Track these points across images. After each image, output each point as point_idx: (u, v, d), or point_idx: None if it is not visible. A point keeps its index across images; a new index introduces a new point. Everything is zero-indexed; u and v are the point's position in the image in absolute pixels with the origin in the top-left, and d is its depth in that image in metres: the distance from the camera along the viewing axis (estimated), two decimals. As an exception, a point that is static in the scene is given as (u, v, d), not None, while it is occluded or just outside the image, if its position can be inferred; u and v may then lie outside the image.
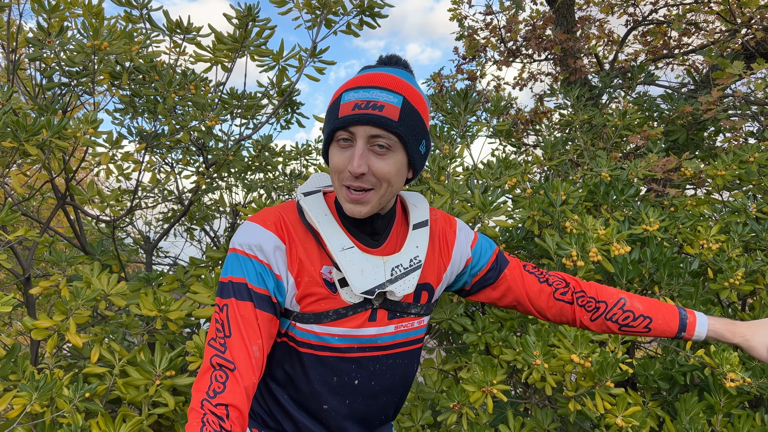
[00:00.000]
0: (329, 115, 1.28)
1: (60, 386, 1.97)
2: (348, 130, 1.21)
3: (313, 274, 1.28)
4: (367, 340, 1.33)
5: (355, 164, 1.18)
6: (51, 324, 2.06)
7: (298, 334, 1.29)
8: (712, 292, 2.71)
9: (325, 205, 1.34)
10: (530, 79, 5.27)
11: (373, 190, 1.23)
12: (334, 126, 1.23)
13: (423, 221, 1.43)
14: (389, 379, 1.38)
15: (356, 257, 1.29)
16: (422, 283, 1.39)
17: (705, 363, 2.42)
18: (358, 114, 1.20)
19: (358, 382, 1.34)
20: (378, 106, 1.20)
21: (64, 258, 2.37)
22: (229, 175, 3.01)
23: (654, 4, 5.23)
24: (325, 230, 1.29)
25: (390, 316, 1.34)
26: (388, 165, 1.22)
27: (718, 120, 3.67)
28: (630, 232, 2.58)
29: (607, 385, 2.12)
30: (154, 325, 2.29)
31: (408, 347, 1.40)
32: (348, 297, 1.29)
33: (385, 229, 1.37)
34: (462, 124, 3.21)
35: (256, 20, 2.52)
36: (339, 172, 1.23)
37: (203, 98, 2.52)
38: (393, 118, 1.20)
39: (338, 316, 1.29)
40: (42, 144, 1.95)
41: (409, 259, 1.35)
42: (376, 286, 1.27)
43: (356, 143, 1.21)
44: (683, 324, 1.46)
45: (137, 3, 2.53)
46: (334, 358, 1.31)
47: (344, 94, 1.25)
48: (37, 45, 2.16)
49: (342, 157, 1.22)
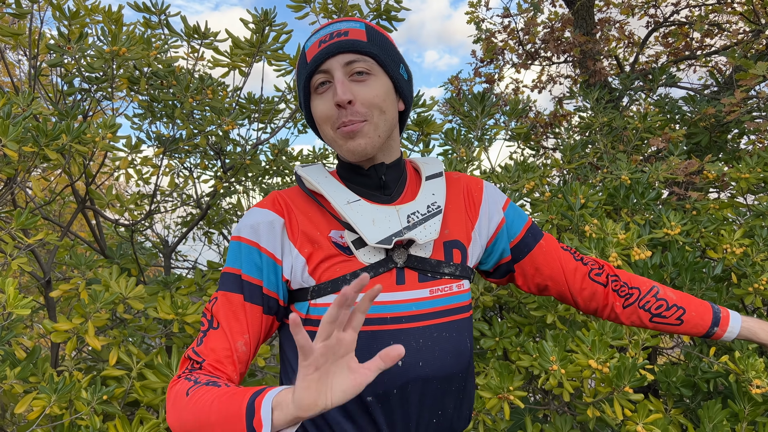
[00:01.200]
0: (299, 72, 1.22)
1: (78, 388, 1.99)
2: (321, 70, 1.15)
3: (320, 240, 1.17)
4: (400, 307, 1.15)
5: (339, 91, 1.11)
6: (70, 327, 2.08)
7: (320, 312, 1.14)
8: (736, 297, 2.65)
9: (325, 171, 1.27)
10: (549, 82, 5.23)
11: (366, 121, 1.14)
12: (307, 72, 1.16)
13: (437, 173, 1.32)
14: (440, 359, 1.16)
15: (365, 208, 1.17)
16: (451, 240, 1.24)
17: (729, 369, 2.37)
18: (325, 47, 1.14)
19: (403, 363, 1.13)
20: (342, 33, 1.15)
21: (83, 261, 2.40)
22: (246, 179, 3.03)
23: (676, 6, 5.16)
24: (327, 188, 1.19)
25: (421, 278, 1.17)
26: (373, 89, 1.14)
27: (742, 122, 3.60)
28: (651, 237, 2.54)
29: (626, 391, 2.08)
30: (171, 328, 2.30)
31: (452, 316, 1.20)
32: (365, 257, 1.15)
33: (395, 184, 1.26)
34: (479, 127, 3.19)
35: (272, 25, 2.54)
36: (328, 118, 1.16)
37: (220, 103, 2.54)
38: (361, 39, 1.15)
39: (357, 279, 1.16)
40: (62, 149, 1.97)
41: (425, 205, 1.22)
42: (393, 234, 1.14)
43: (334, 77, 1.14)
44: (716, 318, 1.35)
45: (156, 9, 2.56)
46: (366, 333, 1.12)
47: (306, 44, 1.21)
48: (57, 51, 2.20)
49: (325, 101, 1.16)
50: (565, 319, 2.56)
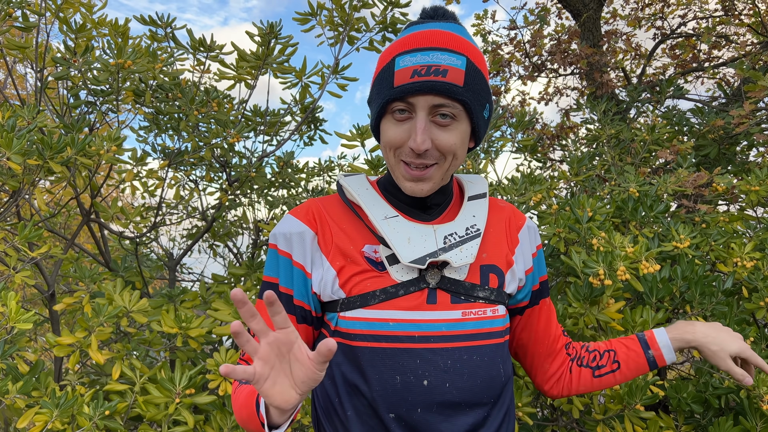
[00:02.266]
0: (380, 83, 1.10)
1: (81, 403, 1.97)
2: (406, 100, 1.06)
3: (353, 254, 1.14)
4: (429, 327, 1.10)
5: (418, 140, 1.04)
6: (73, 341, 2.07)
7: (348, 325, 1.11)
8: (747, 311, 2.61)
9: (367, 182, 1.23)
10: (556, 94, 5.22)
11: (436, 164, 1.09)
12: (389, 97, 1.06)
13: (480, 194, 1.27)
14: (468, 382, 1.11)
15: (401, 225, 1.14)
16: (488, 264, 1.19)
17: (741, 385, 2.33)
18: (418, 82, 1.03)
19: (428, 382, 1.09)
20: (441, 71, 1.04)
21: (87, 274, 2.39)
22: (251, 191, 3.02)
23: (683, 17, 5.15)
24: (366, 201, 1.16)
25: (454, 300, 1.13)
26: (452, 137, 1.07)
27: (751, 134, 3.57)
28: (660, 250, 2.50)
29: (637, 409, 2.04)
30: (175, 342, 2.28)
31: (484, 341, 1.14)
32: (398, 274, 1.12)
33: (439, 205, 1.21)
34: (486, 139, 3.18)
35: (278, 38, 2.54)
36: (395, 148, 1.10)
37: (225, 115, 2.54)
38: (458, 83, 1.05)
39: (387, 295, 1.11)
40: (66, 161, 1.97)
41: (464, 227, 1.17)
42: (427, 254, 1.10)
43: (416, 115, 1.06)
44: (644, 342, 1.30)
45: (162, 22, 2.57)
46: (393, 350, 1.09)
47: (398, 59, 1.07)
48: (63, 64, 2.20)
49: (398, 131, 1.08)
50: (573, 334, 2.53)
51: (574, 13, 4.79)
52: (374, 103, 1.13)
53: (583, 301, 2.36)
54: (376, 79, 1.14)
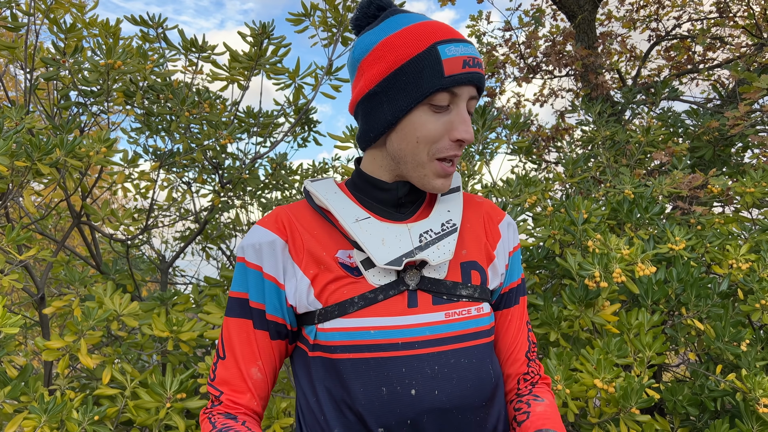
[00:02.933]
0: (418, 72, 1.03)
1: (70, 408, 1.94)
2: (452, 91, 1.04)
3: (326, 261, 1.09)
4: (412, 332, 1.05)
5: (467, 129, 1.04)
6: (63, 345, 2.04)
7: (327, 337, 1.06)
8: (743, 314, 2.60)
9: (335, 186, 1.17)
10: (551, 96, 5.21)
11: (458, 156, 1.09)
12: (440, 86, 1.02)
13: (454, 188, 1.23)
14: (458, 387, 1.06)
15: (374, 227, 1.10)
16: (469, 261, 1.15)
17: (736, 388, 2.31)
18: (469, 73, 1.03)
19: (416, 392, 1.03)
20: (478, 63, 1.05)
21: (77, 277, 2.36)
22: (244, 193, 3.00)
23: (677, 19, 5.15)
24: (335, 205, 1.11)
25: (435, 301, 1.09)
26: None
27: (746, 135, 3.57)
28: (655, 252, 2.49)
29: (633, 412, 2.03)
30: (166, 346, 2.25)
31: (471, 341, 1.10)
32: (375, 279, 1.08)
33: (412, 204, 1.18)
34: (480, 141, 3.16)
35: (270, 38, 2.51)
36: (433, 142, 1.06)
37: (217, 116, 2.51)
38: (484, 75, 1.08)
39: (366, 302, 1.06)
40: (55, 163, 1.94)
41: (440, 223, 1.13)
42: (403, 255, 1.06)
43: (456, 107, 1.05)
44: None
45: (153, 23, 2.54)
46: (376, 360, 1.03)
47: (443, 48, 1.03)
48: (53, 65, 2.17)
49: (438, 124, 1.05)
50: (568, 337, 2.51)
51: (569, 14, 4.78)
52: (407, 93, 1.05)
53: (579, 303, 2.35)
54: (405, 68, 1.05)
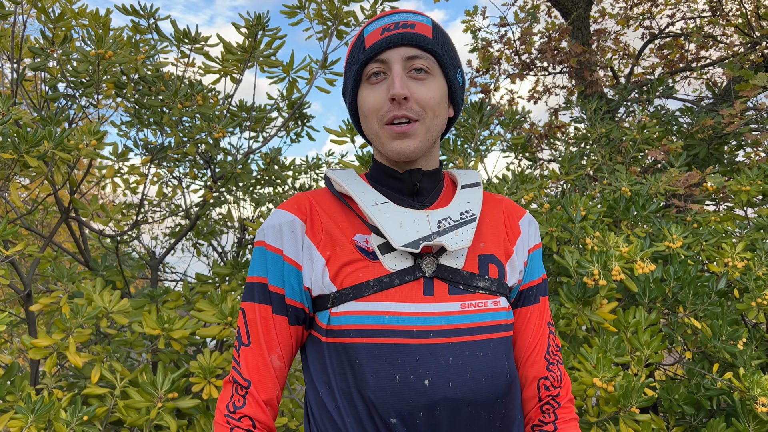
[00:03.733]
0: (353, 56, 1.14)
1: (58, 408, 1.88)
2: (379, 59, 1.08)
3: (344, 242, 1.09)
4: (427, 320, 1.03)
5: (397, 85, 1.04)
6: (50, 343, 1.98)
7: (341, 321, 1.04)
8: (738, 312, 2.59)
9: (356, 174, 1.20)
10: (544, 93, 5.20)
11: (418, 121, 1.07)
12: (363, 58, 1.09)
13: (474, 182, 1.24)
14: (472, 381, 1.03)
15: (393, 210, 1.10)
16: (487, 254, 1.14)
17: (733, 387, 2.30)
18: (389, 36, 1.07)
19: (430, 382, 1.01)
20: (409, 25, 1.08)
21: (66, 274, 2.30)
22: (237, 189, 2.94)
23: (671, 18, 5.15)
24: (356, 189, 1.13)
25: (452, 290, 1.07)
26: (430, 90, 1.08)
27: (740, 134, 3.56)
28: (654, 250, 2.47)
29: (632, 411, 2.00)
30: (157, 344, 2.20)
31: (487, 334, 1.07)
32: (391, 263, 1.07)
33: (429, 192, 1.18)
34: (476, 138, 3.13)
35: (265, 29, 2.46)
36: (377, 111, 1.08)
37: (211, 109, 2.46)
38: (427, 35, 1.09)
39: (382, 285, 1.05)
40: (43, 156, 1.88)
41: (459, 212, 1.13)
42: (421, 238, 1.06)
43: (392, 70, 1.07)
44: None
45: (144, 13, 2.48)
46: (390, 346, 1.02)
47: (366, 28, 1.13)
48: (41, 54, 2.11)
49: (377, 93, 1.08)
50: (565, 335, 2.49)
51: (564, 11, 4.76)
52: (349, 80, 1.15)
53: (576, 301, 2.32)
54: (349, 56, 1.17)
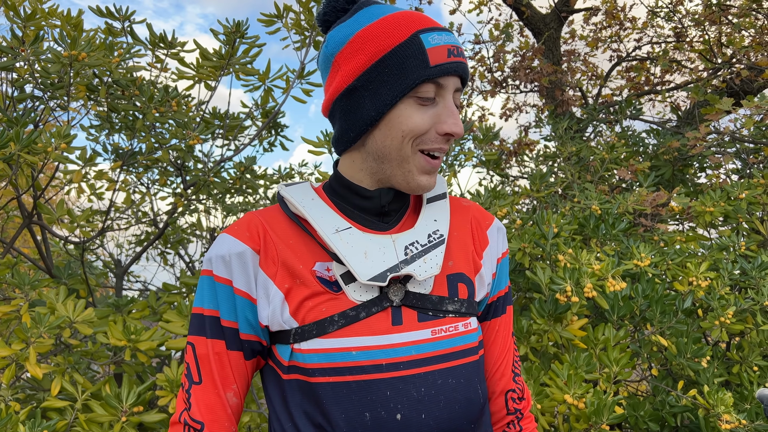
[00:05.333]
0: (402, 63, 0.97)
1: (15, 422, 1.80)
2: (438, 83, 0.98)
3: (303, 273, 1.00)
4: (397, 352, 0.98)
5: (458, 123, 0.99)
6: (9, 353, 1.90)
7: (304, 359, 0.97)
8: (701, 330, 2.65)
9: (312, 191, 1.08)
10: (515, 110, 5.27)
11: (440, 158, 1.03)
12: (426, 76, 0.96)
13: (440, 194, 1.16)
14: (446, 410, 0.99)
15: (356, 238, 1.01)
16: (456, 273, 1.07)
17: (698, 404, 2.34)
18: (455, 62, 0.98)
19: (402, 416, 0.96)
20: (461, 53, 1.01)
21: (27, 281, 2.22)
22: (208, 197, 2.89)
23: (638, 41, 5.29)
24: (313, 213, 1.02)
25: (421, 317, 1.01)
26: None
27: (705, 156, 3.67)
28: (625, 268, 2.51)
29: (603, 428, 2.02)
30: (122, 356, 2.13)
31: (458, 360, 1.03)
32: (356, 294, 0.99)
33: (397, 211, 1.10)
34: (449, 153, 3.15)
35: (244, 37, 2.43)
36: (418, 135, 0.99)
37: (185, 115, 2.41)
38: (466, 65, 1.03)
39: (347, 320, 0.97)
40: (9, 158, 1.81)
41: (426, 234, 1.06)
42: (388, 269, 0.98)
43: (443, 98, 0.99)
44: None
45: (119, 15, 2.42)
46: (359, 383, 0.96)
47: (426, 36, 0.98)
48: (9, 53, 2.04)
49: (425, 116, 0.99)
50: (536, 351, 2.50)
51: (535, 31, 4.85)
52: (389, 86, 0.98)
53: (548, 317, 2.34)
54: (386, 59, 0.99)
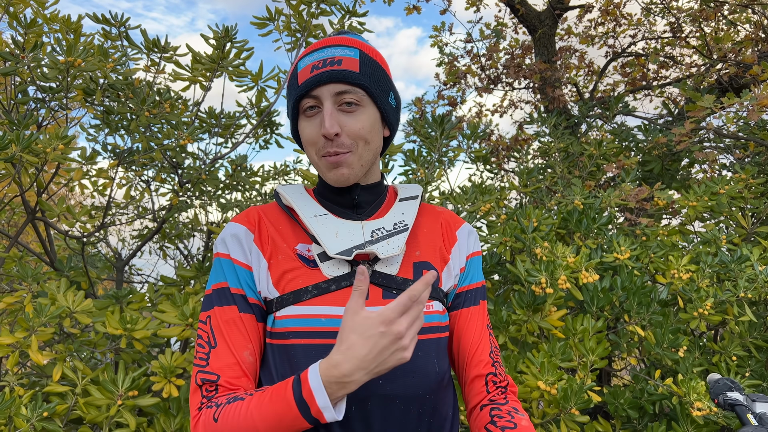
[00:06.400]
0: (289, 89, 1.22)
1: (19, 405, 1.93)
2: (311, 95, 1.15)
3: (287, 251, 1.19)
4: None
5: (327, 124, 1.12)
6: (13, 341, 2.03)
7: (282, 324, 1.13)
8: (683, 321, 2.73)
9: (303, 189, 1.30)
10: (510, 107, 5.35)
11: (350, 152, 1.16)
12: (297, 95, 1.16)
13: (411, 196, 1.33)
14: (402, 378, 1.12)
15: (330, 222, 1.20)
16: (422, 261, 1.23)
17: (673, 392, 2.43)
18: (317, 74, 1.14)
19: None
20: (336, 62, 1.15)
21: (30, 273, 2.34)
22: (203, 194, 3.01)
23: (633, 37, 5.34)
24: (299, 202, 1.23)
25: (385, 295, 1.16)
26: (360, 122, 1.15)
27: (692, 152, 3.73)
28: (600, 260, 2.60)
29: (572, 413, 2.12)
30: (119, 344, 2.26)
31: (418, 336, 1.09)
32: (329, 270, 1.16)
33: (369, 205, 1.28)
34: (439, 149, 3.24)
35: (233, 41, 2.54)
36: (314, 144, 1.17)
37: (177, 117, 2.53)
38: (354, 70, 1.15)
39: (319, 291, 1.14)
40: (10, 158, 1.94)
41: (392, 222, 1.23)
42: (354, 247, 1.16)
43: (323, 106, 1.14)
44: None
45: (115, 21, 2.55)
46: (325, 346, 1.07)
47: (299, 63, 1.20)
48: (11, 60, 2.16)
49: (312, 126, 1.16)
50: (516, 341, 2.60)
51: (530, 28, 4.92)
52: (288, 107, 1.23)
53: (527, 308, 2.44)
54: (287, 89, 1.24)
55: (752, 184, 3.21)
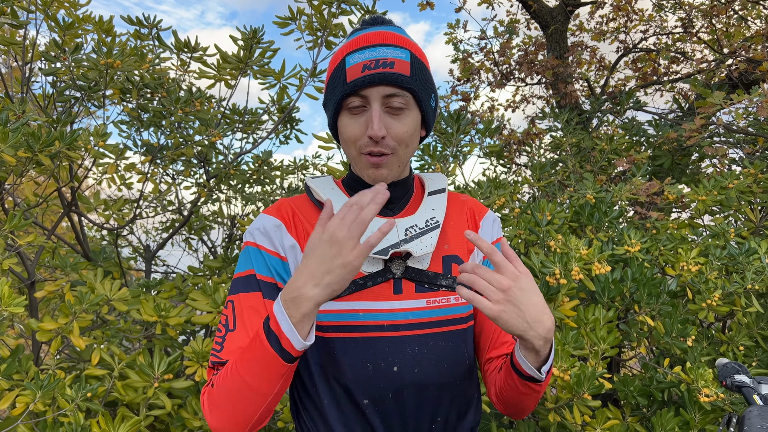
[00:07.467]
0: (334, 82, 1.19)
1: (63, 386, 2.05)
2: (359, 94, 1.14)
3: None
4: (397, 316, 1.19)
5: (375, 127, 1.12)
6: (56, 326, 2.15)
7: (320, 318, 1.17)
8: (691, 312, 2.81)
9: (333, 182, 1.31)
10: (522, 102, 5.42)
11: (393, 154, 1.18)
12: (344, 92, 1.15)
13: (439, 189, 1.35)
14: (435, 366, 1.20)
15: None
16: (451, 255, 1.27)
17: (681, 379, 2.52)
18: (369, 75, 1.13)
19: (398, 368, 1.17)
20: (388, 63, 1.14)
21: (68, 264, 2.47)
22: (228, 187, 3.12)
23: (644, 33, 5.40)
24: (332, 198, 1.24)
25: (418, 289, 1.21)
26: (405, 126, 1.16)
27: (702, 147, 3.80)
28: (612, 253, 2.69)
29: (585, 398, 2.22)
30: (153, 331, 2.38)
31: (449, 327, 1.22)
32: (365, 267, 1.19)
33: (399, 200, 1.29)
34: (454, 144, 3.33)
35: (260, 42, 2.65)
36: (355, 141, 1.18)
37: (207, 114, 2.64)
38: (405, 73, 1.15)
39: (356, 287, 1.18)
40: (55, 155, 2.05)
41: (424, 219, 1.25)
42: (390, 246, 1.18)
43: (371, 106, 1.15)
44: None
45: (147, 23, 2.66)
46: (364, 339, 1.16)
47: (348, 58, 1.17)
48: (51, 60, 2.28)
49: (356, 124, 1.17)
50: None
51: (543, 24, 4.99)
52: (330, 102, 1.22)
53: (540, 298, 2.53)
54: (329, 81, 1.22)
55: (761, 178, 3.28)
